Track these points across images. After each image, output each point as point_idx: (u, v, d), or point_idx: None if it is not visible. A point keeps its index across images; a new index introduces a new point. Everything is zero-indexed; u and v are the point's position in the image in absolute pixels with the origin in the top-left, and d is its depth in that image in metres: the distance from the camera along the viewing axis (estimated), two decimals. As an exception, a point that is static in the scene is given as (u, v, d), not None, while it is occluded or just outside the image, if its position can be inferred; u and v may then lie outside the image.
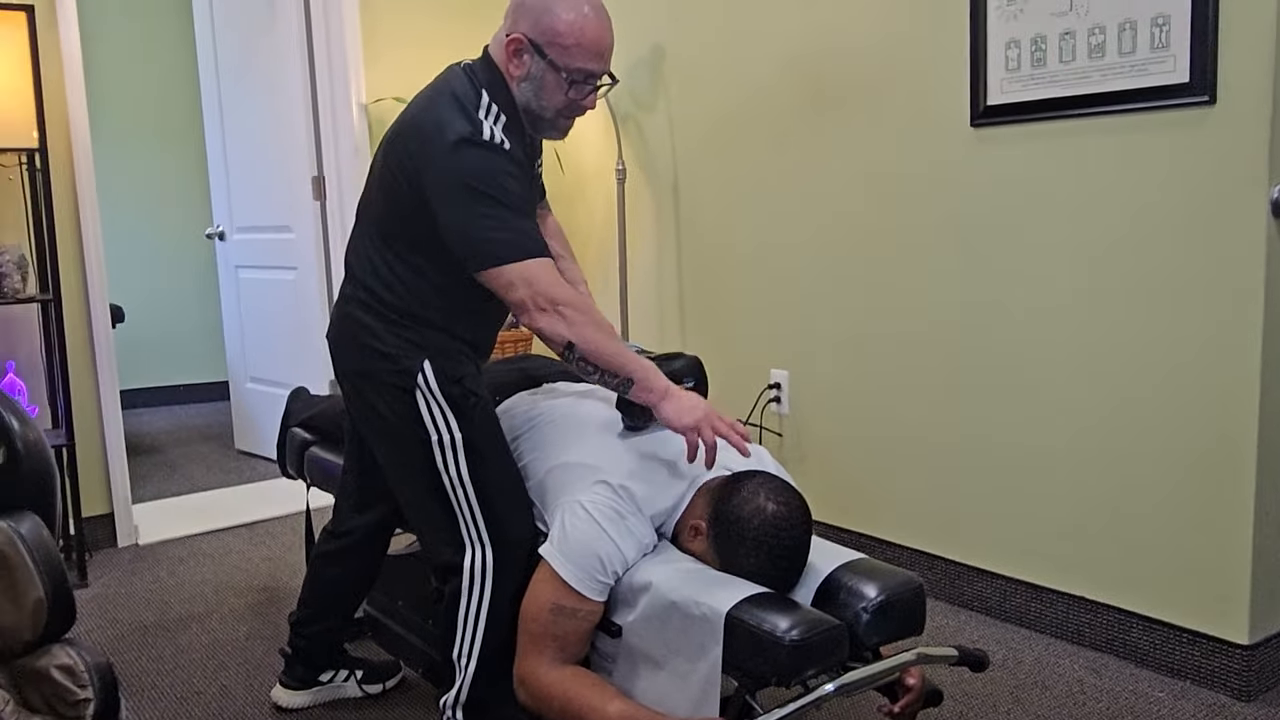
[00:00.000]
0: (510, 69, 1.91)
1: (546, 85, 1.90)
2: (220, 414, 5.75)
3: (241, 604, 3.06)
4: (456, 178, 1.83)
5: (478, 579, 1.95)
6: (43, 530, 1.78)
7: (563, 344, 1.83)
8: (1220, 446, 2.34)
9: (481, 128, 1.85)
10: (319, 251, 4.27)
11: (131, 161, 5.94)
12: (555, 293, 1.82)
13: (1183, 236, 2.35)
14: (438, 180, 1.84)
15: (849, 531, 3.19)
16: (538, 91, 1.91)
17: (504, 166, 1.85)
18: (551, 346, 1.86)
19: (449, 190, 1.83)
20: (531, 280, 1.82)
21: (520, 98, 1.92)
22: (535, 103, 1.92)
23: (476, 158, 1.83)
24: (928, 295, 2.89)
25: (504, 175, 1.84)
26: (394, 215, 1.95)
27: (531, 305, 1.82)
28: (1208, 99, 2.25)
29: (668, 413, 1.83)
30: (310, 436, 2.72)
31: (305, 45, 4.14)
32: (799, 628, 1.61)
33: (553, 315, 1.82)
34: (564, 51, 1.86)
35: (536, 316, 1.83)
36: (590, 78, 1.91)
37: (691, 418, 1.81)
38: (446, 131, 1.83)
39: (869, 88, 2.98)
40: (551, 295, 1.82)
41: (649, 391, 1.84)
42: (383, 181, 1.97)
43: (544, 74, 1.89)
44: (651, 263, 3.84)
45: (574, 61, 1.87)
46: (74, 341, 3.43)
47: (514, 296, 1.84)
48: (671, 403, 1.83)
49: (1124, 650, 2.56)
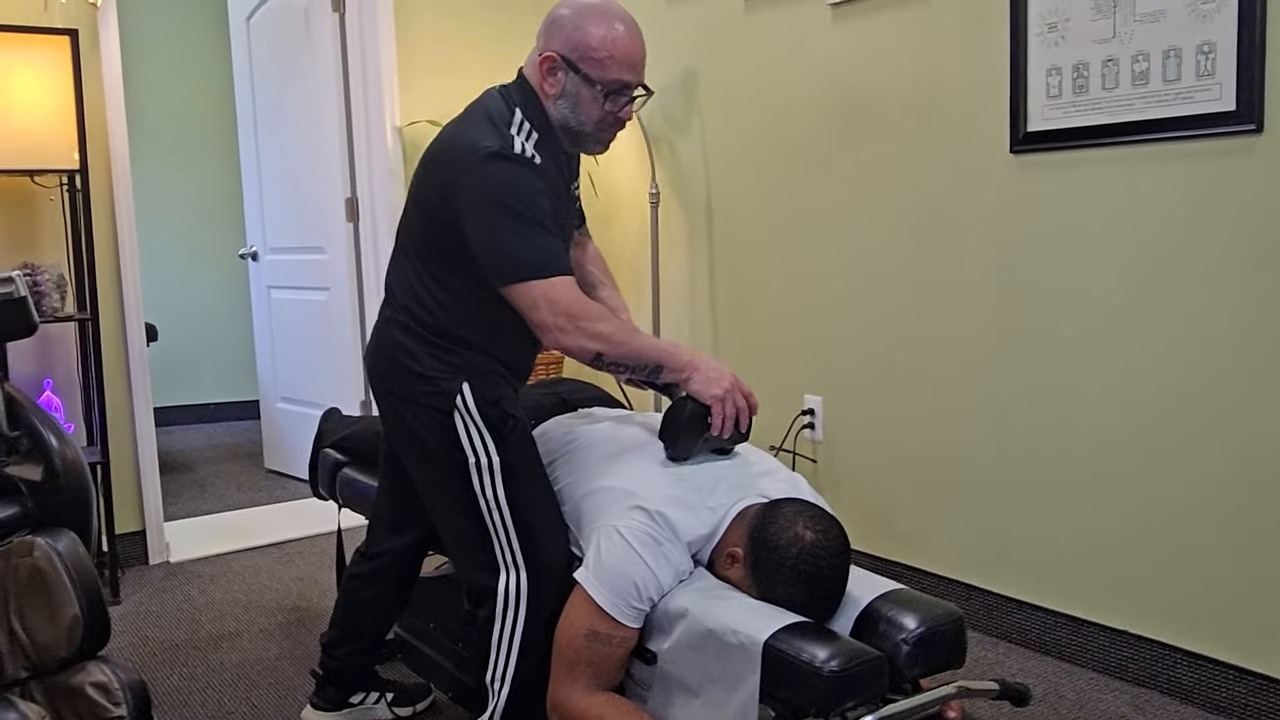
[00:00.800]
0: (545, 87, 1.93)
1: (583, 100, 1.92)
2: (251, 433, 5.78)
3: (272, 623, 3.06)
4: (485, 191, 1.84)
5: (512, 602, 1.93)
6: (79, 548, 1.79)
7: (590, 356, 1.88)
8: (1268, 478, 2.29)
9: (513, 142, 1.87)
10: (351, 273, 4.29)
11: (167, 182, 6.02)
12: (574, 309, 1.86)
13: (1228, 266, 2.32)
14: (467, 194, 1.86)
15: (884, 560, 3.16)
16: (575, 107, 1.93)
17: (533, 182, 1.87)
18: (580, 361, 1.90)
19: (477, 203, 1.85)
20: (554, 299, 1.85)
21: (557, 115, 1.94)
22: (574, 118, 1.94)
23: (506, 171, 1.85)
24: (965, 321, 2.87)
25: (534, 190, 1.86)
26: (430, 235, 1.97)
27: (554, 326, 1.85)
28: (1255, 127, 2.22)
29: (697, 386, 1.89)
30: (343, 458, 2.72)
31: (340, 68, 4.18)
32: (838, 658, 1.58)
33: (574, 332, 1.86)
34: (598, 65, 1.89)
35: (559, 336, 1.86)
36: (625, 88, 1.93)
37: (720, 388, 1.88)
38: (477, 146, 1.86)
39: (907, 113, 2.97)
40: (570, 312, 1.86)
41: (676, 371, 1.91)
42: (419, 202, 1.98)
43: (579, 89, 1.91)
44: (685, 286, 3.83)
45: (608, 74, 1.89)
46: (110, 360, 3.46)
47: (536, 316, 1.86)
48: (699, 375, 1.89)
49: (1168, 686, 2.51)
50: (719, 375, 1.89)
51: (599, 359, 1.88)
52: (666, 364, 1.90)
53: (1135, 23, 2.40)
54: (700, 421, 1.89)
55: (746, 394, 1.92)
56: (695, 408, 1.89)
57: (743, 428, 1.93)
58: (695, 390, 1.88)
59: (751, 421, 1.95)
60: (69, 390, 3.43)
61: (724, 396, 1.87)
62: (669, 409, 1.93)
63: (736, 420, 1.91)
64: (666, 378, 1.92)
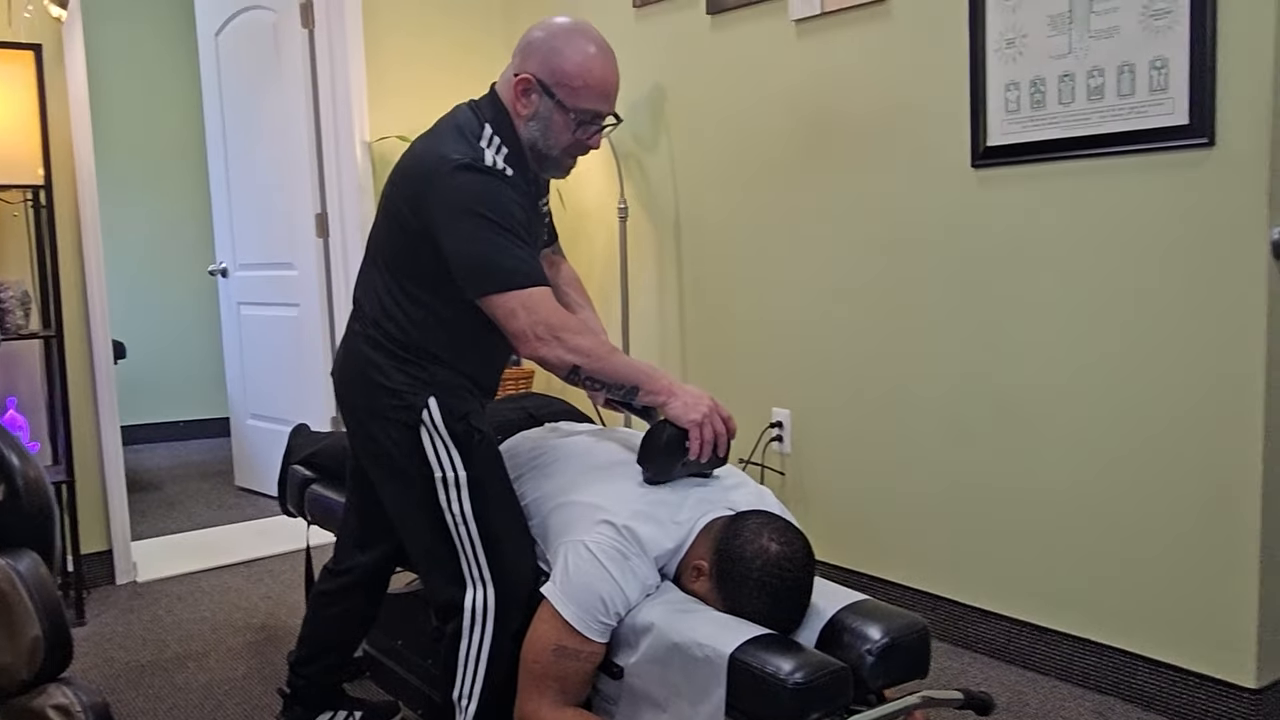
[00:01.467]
0: (518, 107, 1.94)
1: (554, 125, 1.93)
2: (221, 450, 5.74)
3: (240, 642, 3.04)
4: (458, 202, 1.85)
5: (479, 618, 1.93)
6: (41, 568, 1.77)
7: (567, 369, 1.87)
8: (1225, 488, 2.33)
9: (484, 155, 1.88)
10: (321, 288, 4.28)
11: (135, 198, 5.98)
12: (554, 320, 1.86)
13: (1183, 278, 2.36)
14: (440, 205, 1.86)
15: (851, 571, 3.17)
16: (545, 130, 1.94)
17: (506, 192, 1.88)
18: (556, 373, 1.89)
19: (451, 214, 1.86)
20: (532, 308, 1.85)
21: (527, 136, 1.95)
22: (542, 141, 1.95)
23: (478, 182, 1.86)
24: (929, 333, 2.90)
25: (507, 201, 1.87)
26: (401, 249, 1.97)
27: (532, 335, 1.85)
28: (1207, 141, 2.26)
29: (675, 411, 1.87)
30: (311, 474, 2.71)
31: (310, 83, 4.18)
32: (803, 670, 1.59)
33: (552, 343, 1.86)
34: (572, 92, 1.90)
35: (537, 346, 1.86)
36: (597, 118, 1.95)
37: (698, 413, 1.86)
38: (448, 158, 1.86)
39: (871, 128, 3.00)
40: (550, 323, 1.86)
41: (654, 394, 1.90)
42: (389, 215, 1.99)
43: (551, 113, 1.92)
44: (653, 300, 3.84)
45: (581, 102, 1.91)
46: (75, 378, 3.43)
47: (513, 326, 1.86)
48: (677, 400, 1.88)
49: (1130, 693, 2.53)
50: (697, 400, 1.88)
51: (575, 372, 1.87)
52: (644, 385, 1.90)
53: (1090, 39, 2.44)
54: (678, 446, 1.88)
55: (725, 418, 1.91)
56: (673, 432, 1.88)
57: (721, 452, 1.92)
58: (673, 414, 1.88)
59: (730, 445, 1.94)
60: (34, 409, 3.40)
61: (702, 421, 1.86)
62: (647, 433, 1.92)
63: (715, 444, 1.90)
64: (644, 400, 1.91)
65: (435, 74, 4.20)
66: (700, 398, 1.89)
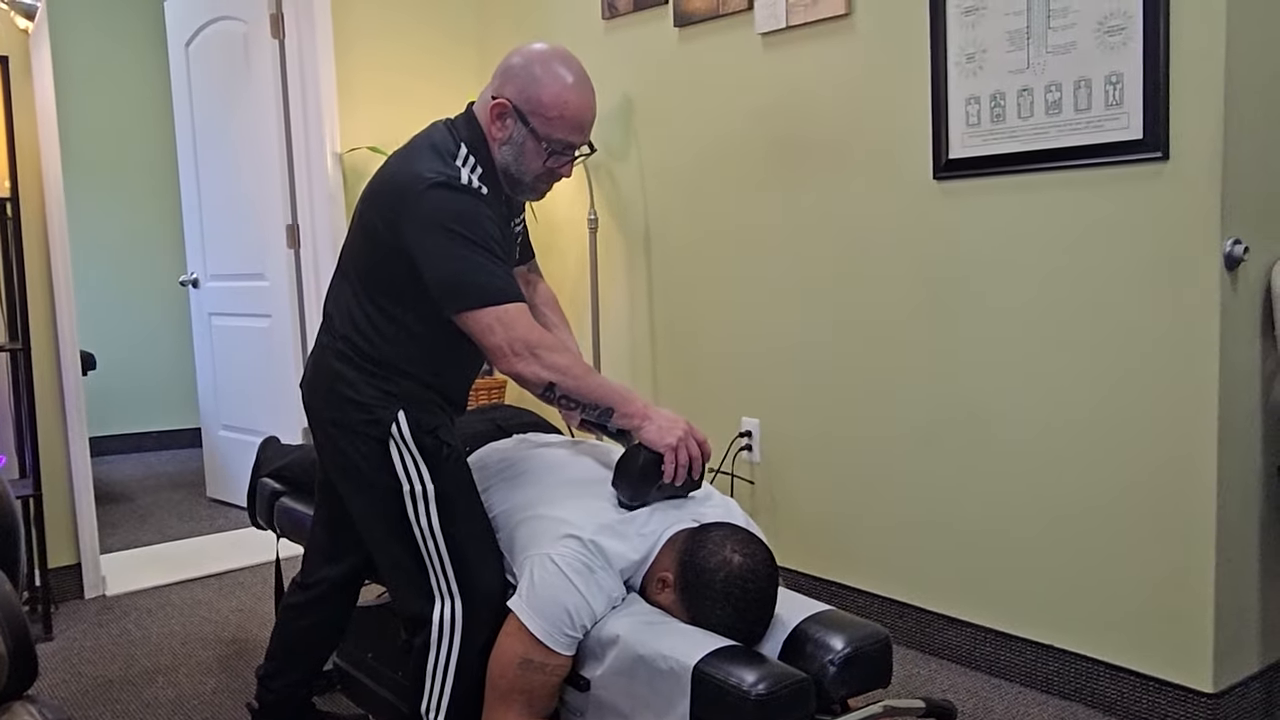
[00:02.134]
0: (493, 131, 1.95)
1: (526, 151, 1.94)
2: (192, 461, 5.70)
3: (210, 656, 3.03)
4: (433, 219, 1.85)
5: (447, 631, 1.94)
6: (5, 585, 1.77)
7: (543, 385, 1.87)
8: (1182, 497, 2.37)
9: (459, 174, 1.89)
10: (293, 299, 4.28)
11: (105, 208, 5.94)
12: (531, 337, 1.87)
13: (1140, 289, 2.40)
14: (415, 223, 1.87)
15: (819, 579, 3.20)
16: (518, 156, 1.95)
17: (481, 210, 1.88)
18: (531, 390, 1.90)
19: (426, 231, 1.86)
20: (509, 325, 1.85)
21: (500, 160, 1.96)
22: (515, 166, 1.96)
23: (452, 200, 1.86)
24: (893, 343, 2.93)
25: (482, 218, 1.88)
26: (373, 263, 1.97)
27: (509, 350, 1.85)
28: (1161, 155, 2.31)
29: (650, 434, 1.88)
30: (280, 487, 2.71)
31: (280, 94, 4.18)
32: (765, 681, 1.61)
33: (529, 359, 1.86)
34: (546, 122, 1.90)
35: (514, 362, 1.86)
36: (569, 148, 1.96)
37: (673, 437, 1.87)
38: (423, 176, 1.87)
39: (835, 139, 3.03)
40: (527, 340, 1.86)
41: (629, 417, 1.90)
42: (362, 230, 1.99)
43: (525, 140, 1.93)
44: (624, 311, 3.86)
45: (555, 133, 1.91)
46: (43, 390, 3.41)
47: (490, 341, 1.86)
48: (652, 425, 1.89)
49: (1092, 699, 2.57)
50: (672, 424, 1.89)
51: (551, 389, 1.87)
52: (619, 408, 1.90)
53: (1048, 54, 2.48)
54: (654, 470, 1.89)
55: (700, 441, 1.92)
56: (649, 456, 1.88)
57: (695, 476, 1.93)
58: (648, 438, 1.88)
59: (705, 468, 1.95)
60: (0, 422, 3.38)
61: (677, 445, 1.87)
62: (622, 456, 1.93)
63: (690, 468, 1.91)
64: (619, 422, 1.91)
65: (407, 85, 4.20)
66: (675, 422, 1.90)
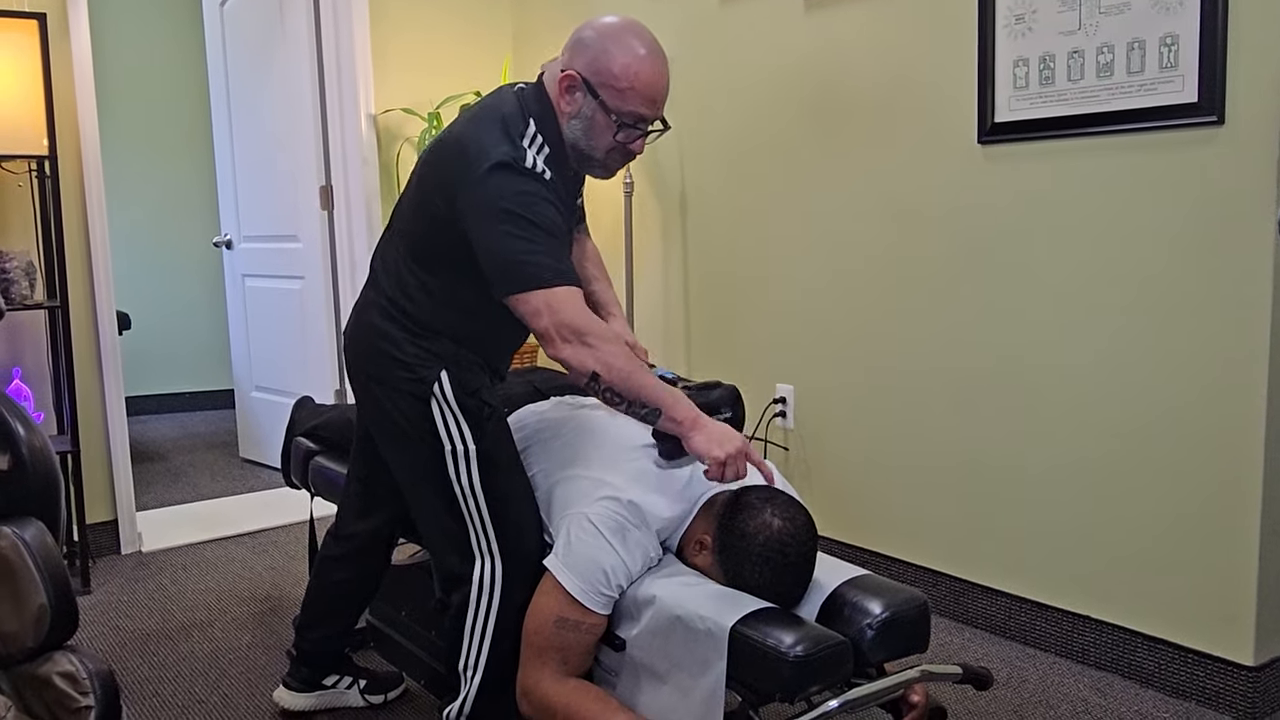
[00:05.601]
0: (562, 104, 1.89)
1: (596, 125, 1.88)
2: (225, 422, 5.76)
3: (244, 612, 3.06)
4: (493, 200, 1.80)
5: (486, 590, 1.94)
6: (46, 537, 1.78)
7: (588, 375, 1.79)
8: (1227, 468, 2.33)
9: (525, 155, 1.82)
10: (326, 261, 4.28)
11: (140, 169, 5.97)
12: (579, 322, 1.78)
13: (1190, 256, 2.35)
14: (474, 201, 1.82)
15: (854, 547, 3.19)
16: (587, 131, 1.89)
17: (542, 193, 1.82)
18: (576, 378, 1.82)
19: (484, 211, 1.81)
20: (557, 309, 1.78)
21: (569, 135, 1.90)
22: (584, 141, 1.90)
23: (515, 182, 1.80)
24: (934, 310, 2.89)
25: (541, 201, 1.81)
26: (426, 229, 1.94)
27: (556, 335, 1.78)
28: (1216, 119, 2.25)
29: (698, 444, 1.77)
30: (315, 446, 2.72)
31: (315, 56, 4.16)
32: (803, 644, 1.61)
33: (577, 345, 1.78)
34: (617, 94, 1.84)
35: (561, 347, 1.79)
36: (641, 122, 1.89)
37: (723, 451, 1.76)
38: (489, 153, 1.81)
39: (878, 104, 2.99)
40: (575, 325, 1.78)
41: (677, 422, 1.79)
42: (420, 195, 1.95)
43: (594, 114, 1.87)
44: (658, 275, 3.84)
45: (626, 105, 1.85)
46: (80, 348, 3.44)
47: (538, 325, 1.80)
48: (701, 434, 1.78)
49: (1129, 670, 2.55)
50: (725, 438, 1.77)
51: (595, 380, 1.78)
52: (667, 411, 1.79)
53: (1100, 15, 2.42)
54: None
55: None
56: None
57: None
58: (696, 449, 1.78)
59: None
60: (39, 379, 3.41)
61: (725, 460, 1.75)
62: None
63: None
64: (665, 426, 1.80)
65: (441, 47, 4.18)
66: (730, 436, 1.78)
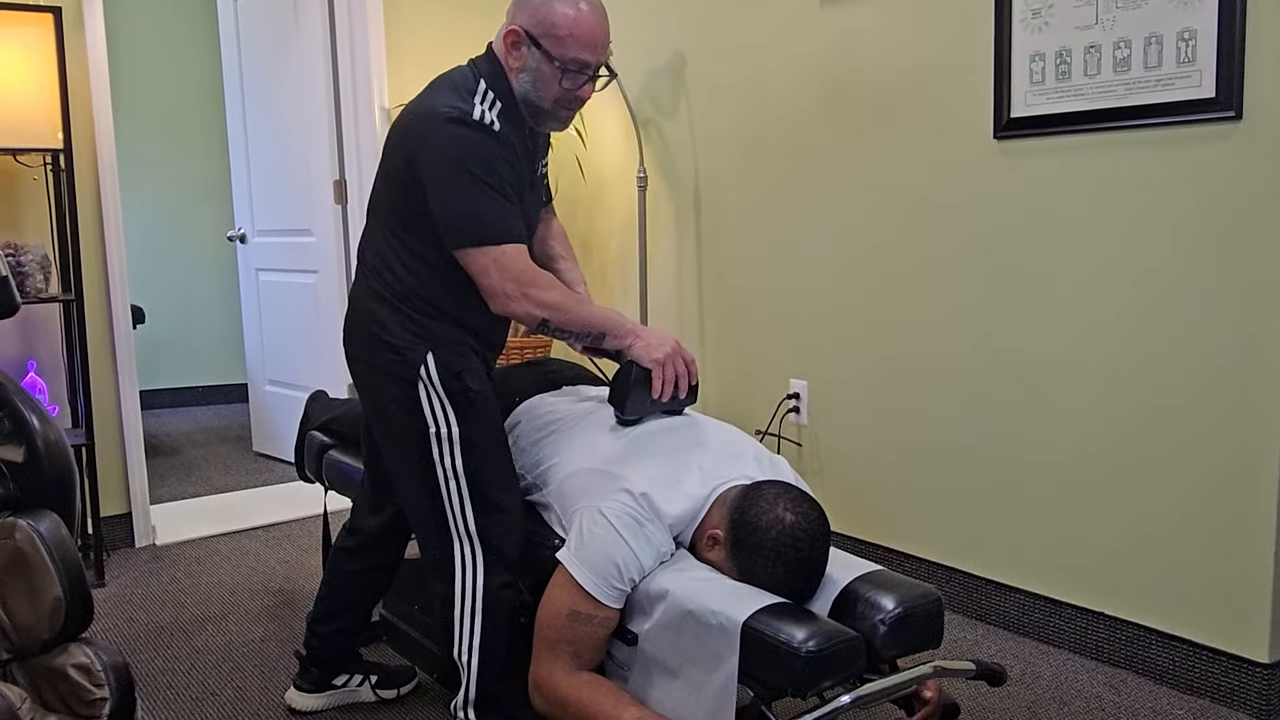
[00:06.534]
0: (509, 60, 1.97)
1: (543, 76, 1.95)
2: (239, 416, 5.78)
3: (257, 606, 3.07)
4: (444, 155, 1.88)
5: (469, 574, 1.97)
6: (62, 529, 1.79)
7: (536, 322, 1.94)
8: (1243, 464, 2.31)
9: (474, 110, 1.90)
10: (339, 255, 4.29)
11: (154, 163, 5.99)
12: (524, 277, 1.91)
13: (1206, 252, 2.33)
14: (427, 157, 1.90)
15: (867, 543, 3.18)
16: (535, 82, 1.96)
17: (493, 148, 1.90)
18: (527, 326, 1.96)
19: (436, 167, 1.89)
20: (504, 266, 1.89)
21: (519, 89, 1.98)
22: (533, 93, 1.97)
23: (465, 136, 1.88)
24: (948, 306, 2.88)
25: (493, 157, 1.90)
26: (397, 199, 2.00)
27: (501, 292, 1.91)
28: (1234, 114, 2.23)
29: (639, 351, 1.97)
30: (329, 440, 2.73)
31: (329, 50, 4.16)
32: (816, 639, 1.60)
33: (520, 299, 1.91)
34: (558, 42, 1.92)
35: (506, 302, 1.92)
36: (584, 68, 1.95)
37: (660, 353, 1.97)
38: (440, 111, 1.90)
39: (893, 98, 2.97)
40: (520, 280, 1.91)
41: (618, 338, 1.98)
42: (387, 170, 2.02)
43: (540, 65, 1.94)
44: (672, 270, 3.83)
45: (568, 52, 1.92)
46: (95, 341, 3.45)
47: (486, 282, 1.92)
48: (640, 341, 1.98)
49: (1143, 667, 2.53)
50: (660, 341, 1.98)
51: (544, 325, 1.94)
52: (610, 331, 1.98)
53: (1117, 9, 2.40)
54: (645, 384, 1.98)
55: (688, 360, 2.00)
56: (639, 371, 1.97)
57: (682, 393, 2.01)
58: (636, 355, 1.97)
59: (696, 386, 2.03)
60: (53, 372, 3.42)
61: (664, 361, 1.96)
62: (616, 373, 2.01)
63: (679, 383, 1.99)
64: (610, 344, 2.00)
65: (455, 41, 4.17)
66: (665, 339, 1.99)
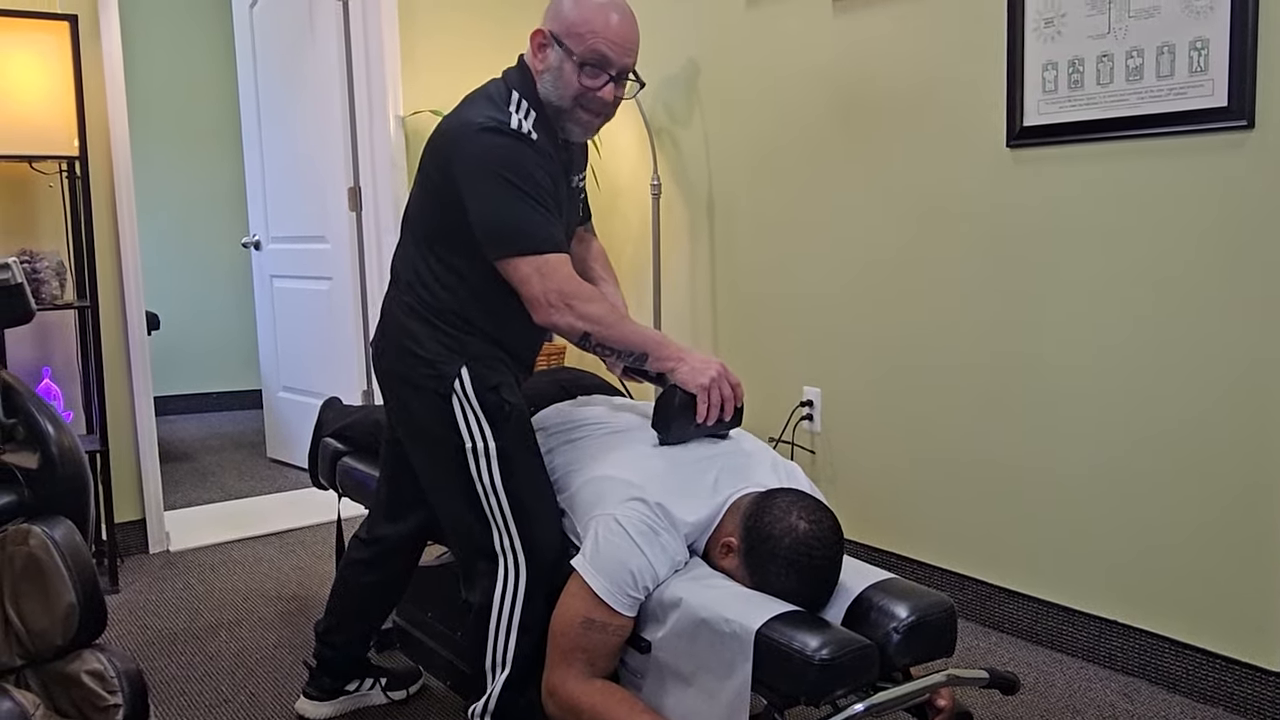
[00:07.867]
0: (536, 64, 1.98)
1: (563, 74, 1.94)
2: (253, 422, 5.79)
3: (271, 612, 3.08)
4: (481, 164, 1.88)
5: (510, 588, 1.95)
6: (76, 536, 1.80)
7: (578, 335, 1.91)
8: (1258, 473, 2.30)
9: (510, 119, 1.90)
10: (354, 262, 4.30)
11: (170, 170, 6.02)
12: (567, 287, 1.89)
13: (1219, 262, 2.33)
14: (465, 167, 1.89)
15: (880, 551, 3.17)
16: (555, 82, 1.95)
17: (531, 157, 1.90)
18: (569, 340, 1.93)
19: (474, 176, 1.88)
20: (547, 275, 1.88)
21: (543, 92, 1.97)
22: (554, 93, 1.96)
23: (501, 144, 1.88)
24: (962, 314, 2.88)
25: (531, 165, 1.89)
26: (433, 214, 1.99)
27: (545, 301, 1.88)
28: (1246, 123, 2.23)
29: (684, 375, 1.93)
30: (343, 447, 2.73)
31: (344, 57, 4.18)
32: (829, 647, 1.60)
33: (563, 310, 1.89)
34: (578, 39, 1.92)
35: (550, 313, 1.89)
36: (604, 62, 1.93)
37: (706, 377, 1.92)
38: (475, 121, 1.89)
39: (905, 106, 2.97)
40: (563, 290, 1.88)
41: (663, 360, 1.94)
42: (423, 184, 2.02)
43: (561, 63, 1.94)
44: (685, 277, 3.84)
45: (586, 45, 1.91)
46: (110, 348, 3.47)
47: (527, 291, 1.89)
48: (686, 365, 1.93)
49: (1156, 676, 2.52)
50: (706, 365, 1.93)
51: (586, 339, 1.91)
52: (654, 352, 1.94)
53: (1130, 19, 2.40)
54: (690, 408, 1.94)
55: (734, 384, 1.96)
56: (685, 396, 1.93)
57: (727, 416, 1.97)
58: (681, 379, 1.93)
59: (741, 410, 1.99)
60: (68, 379, 3.44)
61: (709, 385, 1.91)
62: (660, 396, 1.97)
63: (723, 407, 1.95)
64: (654, 365, 1.96)
65: (470, 48, 4.19)
66: (709, 363, 1.94)
